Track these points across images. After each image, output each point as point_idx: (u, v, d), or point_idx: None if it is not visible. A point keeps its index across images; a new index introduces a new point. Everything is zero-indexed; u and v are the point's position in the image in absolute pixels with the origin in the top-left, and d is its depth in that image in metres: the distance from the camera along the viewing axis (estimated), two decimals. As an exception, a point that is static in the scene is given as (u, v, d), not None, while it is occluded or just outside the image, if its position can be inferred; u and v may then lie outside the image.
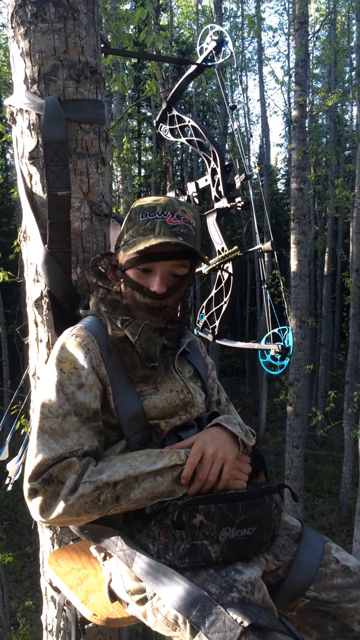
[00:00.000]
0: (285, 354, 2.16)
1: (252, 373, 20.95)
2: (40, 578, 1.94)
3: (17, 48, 1.69)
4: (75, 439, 1.27)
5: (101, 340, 1.39)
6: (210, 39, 2.43)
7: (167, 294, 1.41)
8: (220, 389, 1.68)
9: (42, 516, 1.22)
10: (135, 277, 1.41)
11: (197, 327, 2.54)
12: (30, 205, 1.71)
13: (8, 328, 12.67)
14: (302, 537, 1.39)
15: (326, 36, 16.67)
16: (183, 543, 1.19)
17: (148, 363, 1.38)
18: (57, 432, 1.27)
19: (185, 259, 1.41)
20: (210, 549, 1.18)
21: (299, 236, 8.41)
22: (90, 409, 1.31)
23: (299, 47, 8.32)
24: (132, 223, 1.41)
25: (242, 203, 2.25)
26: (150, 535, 1.25)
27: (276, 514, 1.30)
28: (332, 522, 12.31)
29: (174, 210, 1.38)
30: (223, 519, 1.19)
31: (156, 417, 1.40)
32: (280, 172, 26.82)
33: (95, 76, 1.74)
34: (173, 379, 1.48)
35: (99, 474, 1.22)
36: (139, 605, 1.26)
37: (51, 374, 1.34)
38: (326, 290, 16.20)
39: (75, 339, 1.38)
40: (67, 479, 1.21)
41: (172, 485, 1.25)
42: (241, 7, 19.23)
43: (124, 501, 1.22)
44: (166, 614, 1.16)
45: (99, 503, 1.21)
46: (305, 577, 1.31)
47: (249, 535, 1.21)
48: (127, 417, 1.37)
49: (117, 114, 10.20)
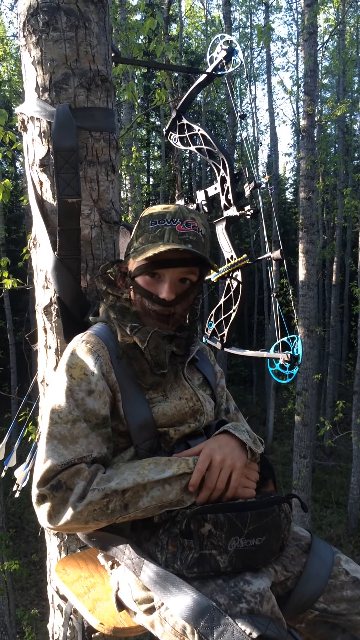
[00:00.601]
0: (294, 363, 2.15)
1: (260, 382, 20.89)
2: (46, 586, 1.93)
3: (29, 56, 1.71)
4: (84, 445, 1.27)
5: (111, 347, 1.39)
6: (220, 49, 2.44)
7: (176, 301, 1.40)
8: (229, 397, 1.68)
9: (50, 523, 1.21)
10: (144, 284, 1.41)
11: (205, 335, 2.53)
12: (41, 212, 1.72)
13: (17, 335, 12.72)
14: (312, 548, 1.38)
15: (335, 46, 16.74)
16: (191, 552, 1.18)
17: (157, 370, 1.38)
18: (67, 438, 1.26)
19: (194, 266, 1.41)
20: (219, 558, 1.17)
21: (307, 245, 8.40)
22: (100, 415, 1.31)
23: (307, 57, 8.35)
24: (142, 230, 1.41)
25: (251, 211, 2.25)
26: (159, 544, 1.24)
27: (285, 524, 1.29)
28: (340, 533, 12.19)
29: (184, 218, 1.38)
30: (232, 528, 1.18)
31: (165, 424, 1.40)
32: (288, 182, 26.87)
33: (106, 84, 1.75)
34: (182, 386, 1.47)
35: (108, 482, 1.21)
36: (146, 614, 1.25)
37: (61, 380, 1.34)
38: (334, 300, 16.15)
39: (86, 345, 1.38)
40: (75, 485, 1.20)
41: (181, 494, 1.25)
42: (250, 18, 19.36)
43: (132, 509, 1.22)
44: (174, 624, 1.14)
45: (107, 511, 1.20)
46: (314, 589, 1.30)
47: (258, 545, 1.20)
48: (136, 425, 1.36)
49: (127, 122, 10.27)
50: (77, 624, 1.57)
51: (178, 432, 1.41)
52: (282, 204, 24.52)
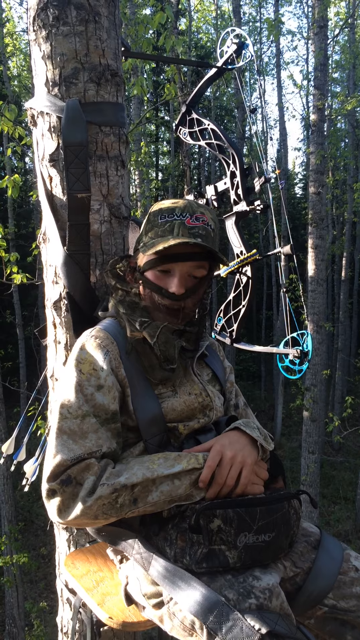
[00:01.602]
0: (304, 359, 2.14)
1: (268, 377, 20.85)
2: (55, 579, 1.94)
3: (39, 51, 1.70)
4: (93, 440, 1.27)
5: (120, 342, 1.39)
6: (230, 42, 2.43)
7: (185, 295, 1.40)
8: (238, 393, 1.68)
9: (59, 517, 1.22)
10: (154, 279, 1.41)
11: (214, 331, 2.53)
12: (50, 207, 1.72)
13: (26, 330, 12.74)
14: (321, 544, 1.37)
15: (345, 40, 16.58)
16: (200, 548, 1.18)
17: (166, 365, 1.38)
18: (76, 433, 1.27)
19: (203, 260, 1.41)
20: (228, 554, 1.17)
21: (316, 240, 8.36)
22: (109, 410, 1.31)
23: (318, 51, 8.29)
24: (151, 225, 1.40)
25: (261, 206, 2.24)
26: (168, 539, 1.25)
27: (294, 520, 1.29)
28: (348, 529, 12.18)
29: (193, 212, 1.37)
30: (241, 524, 1.18)
31: (174, 420, 1.40)
32: (297, 176, 26.74)
33: (115, 79, 1.74)
34: (192, 381, 1.47)
35: (117, 477, 1.22)
36: (155, 609, 1.25)
37: (70, 375, 1.34)
38: (344, 295, 16.07)
39: (95, 340, 1.38)
40: (85, 480, 1.21)
41: (190, 488, 1.25)
42: (260, 12, 19.23)
43: (141, 504, 1.22)
44: (183, 619, 1.15)
45: (116, 505, 1.21)
46: (323, 585, 1.30)
47: (267, 541, 1.20)
48: (146, 420, 1.36)
49: (136, 117, 10.25)
50: (86, 618, 1.58)
51: (187, 427, 1.41)
52: (292, 198, 24.43)
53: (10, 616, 9.14)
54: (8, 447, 3.09)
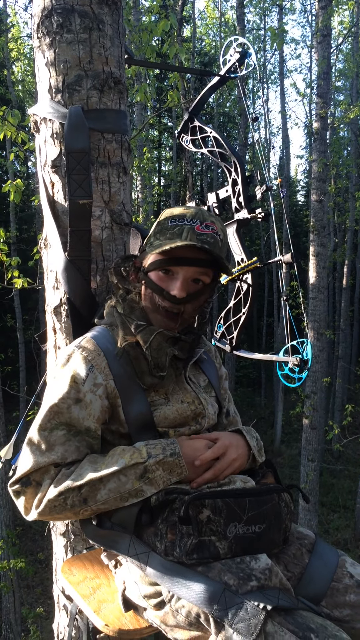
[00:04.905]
0: (304, 367, 2.14)
1: (268, 384, 20.82)
2: (52, 585, 1.93)
3: (42, 58, 1.71)
4: (59, 453, 1.31)
5: (109, 351, 1.40)
6: (234, 51, 2.44)
7: (186, 300, 1.40)
8: (230, 399, 1.70)
9: (25, 516, 1.32)
10: (157, 279, 1.41)
11: (214, 338, 2.53)
12: (52, 213, 1.73)
13: (26, 334, 12.74)
14: (315, 549, 1.36)
15: (349, 49, 16.65)
16: (190, 539, 1.18)
17: (156, 372, 1.39)
18: (44, 443, 1.31)
19: (208, 267, 1.41)
20: (218, 544, 1.17)
21: (318, 248, 8.36)
22: (83, 425, 1.34)
23: (321, 59, 8.31)
24: (160, 227, 1.41)
25: (262, 214, 2.24)
26: (158, 533, 1.24)
27: (286, 513, 1.29)
28: (347, 537, 12.13)
29: (203, 220, 1.38)
30: (230, 514, 1.19)
31: (166, 426, 1.41)
32: (299, 184, 26.79)
33: (118, 86, 1.75)
34: (184, 390, 1.48)
35: (66, 478, 1.27)
36: (156, 609, 1.25)
37: (52, 386, 1.38)
38: (345, 303, 16.07)
39: (82, 352, 1.40)
40: (43, 482, 1.28)
41: (139, 483, 1.26)
42: (264, 20, 19.31)
43: (92, 502, 1.26)
44: (187, 614, 1.15)
45: (67, 506, 1.26)
46: (316, 591, 1.27)
47: (258, 532, 1.20)
48: (136, 427, 1.38)
49: (139, 123, 10.28)
50: (82, 625, 1.58)
51: (178, 433, 1.42)
52: (293, 206, 24.45)
53: (7, 621, 9.10)
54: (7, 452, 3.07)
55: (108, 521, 1.33)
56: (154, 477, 1.27)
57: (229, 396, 1.69)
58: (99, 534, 1.37)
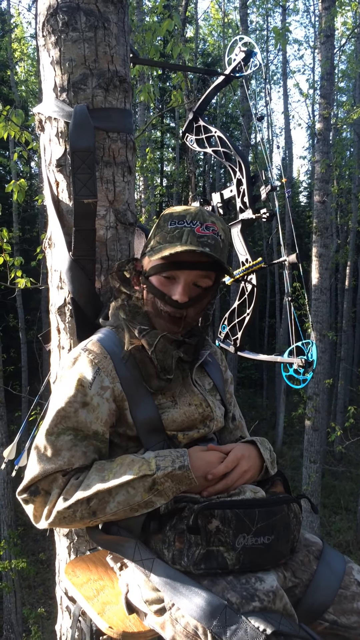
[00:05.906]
0: (308, 368, 2.13)
1: (270, 385, 20.80)
2: (54, 585, 1.92)
3: (48, 56, 1.71)
4: (66, 458, 1.29)
5: (116, 354, 1.39)
6: (238, 50, 2.43)
7: (188, 304, 1.39)
8: (235, 404, 1.69)
9: (36, 524, 1.30)
10: (158, 284, 1.40)
11: (218, 339, 2.52)
12: (56, 212, 1.72)
13: (28, 333, 12.75)
14: (322, 556, 1.35)
15: (352, 50, 16.63)
16: (198, 549, 1.17)
17: (163, 375, 1.37)
18: (51, 449, 1.29)
19: (210, 270, 1.39)
20: (226, 555, 1.16)
21: (320, 249, 8.34)
22: (90, 429, 1.32)
23: (324, 60, 8.30)
24: (160, 230, 1.39)
25: (267, 215, 2.23)
26: (165, 541, 1.24)
27: (295, 524, 1.28)
28: (349, 539, 12.10)
29: (204, 221, 1.36)
30: (239, 525, 1.17)
31: (175, 429, 1.40)
32: (302, 185, 26.77)
33: (124, 85, 1.74)
34: (192, 392, 1.46)
35: (75, 489, 1.26)
36: (157, 615, 1.24)
37: (58, 389, 1.37)
38: (347, 304, 16.05)
39: (88, 355, 1.38)
40: (52, 491, 1.27)
41: (148, 495, 1.24)
42: (267, 20, 19.30)
43: (101, 514, 1.25)
44: (185, 625, 1.13)
45: (76, 518, 1.26)
46: (323, 599, 1.27)
47: (267, 544, 1.19)
48: (145, 430, 1.37)
49: (141, 124, 10.27)
50: (85, 627, 1.56)
51: (187, 436, 1.41)
52: (296, 207, 24.44)
53: (8, 622, 9.09)
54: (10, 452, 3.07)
55: (114, 526, 1.33)
56: (163, 489, 1.25)
57: (234, 401, 1.68)
58: (105, 538, 1.36)
